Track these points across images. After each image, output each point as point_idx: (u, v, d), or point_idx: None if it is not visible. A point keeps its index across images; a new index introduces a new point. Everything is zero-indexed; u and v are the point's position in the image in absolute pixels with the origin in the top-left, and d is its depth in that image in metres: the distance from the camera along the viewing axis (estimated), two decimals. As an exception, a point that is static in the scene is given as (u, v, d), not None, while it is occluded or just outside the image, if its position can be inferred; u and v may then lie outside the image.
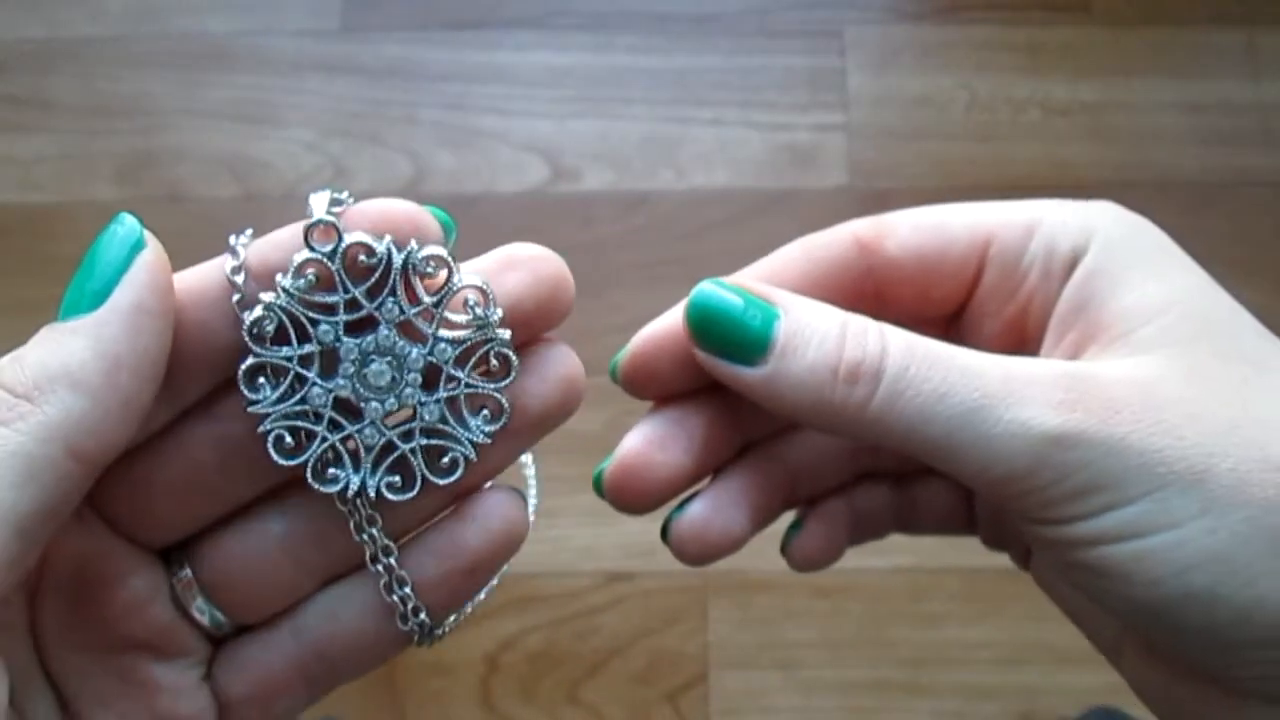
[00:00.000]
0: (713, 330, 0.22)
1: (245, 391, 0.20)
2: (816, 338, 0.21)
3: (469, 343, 0.21)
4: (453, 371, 0.21)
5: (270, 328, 0.20)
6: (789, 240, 0.26)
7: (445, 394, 0.21)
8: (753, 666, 0.80)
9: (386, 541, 0.22)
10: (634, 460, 0.23)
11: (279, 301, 0.20)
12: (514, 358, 0.21)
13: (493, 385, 0.21)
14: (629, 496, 0.24)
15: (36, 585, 0.21)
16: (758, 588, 0.81)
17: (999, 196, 0.27)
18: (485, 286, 0.21)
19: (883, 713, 0.79)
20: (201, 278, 0.20)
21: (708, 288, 0.22)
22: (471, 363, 0.21)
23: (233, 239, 0.21)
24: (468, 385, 0.21)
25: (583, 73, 0.96)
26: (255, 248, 0.21)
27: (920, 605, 0.80)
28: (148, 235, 0.19)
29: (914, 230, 0.24)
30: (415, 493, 0.21)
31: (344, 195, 0.21)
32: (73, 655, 0.21)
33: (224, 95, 0.95)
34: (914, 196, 0.92)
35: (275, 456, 0.20)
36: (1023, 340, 0.25)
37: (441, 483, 0.21)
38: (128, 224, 0.19)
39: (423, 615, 0.22)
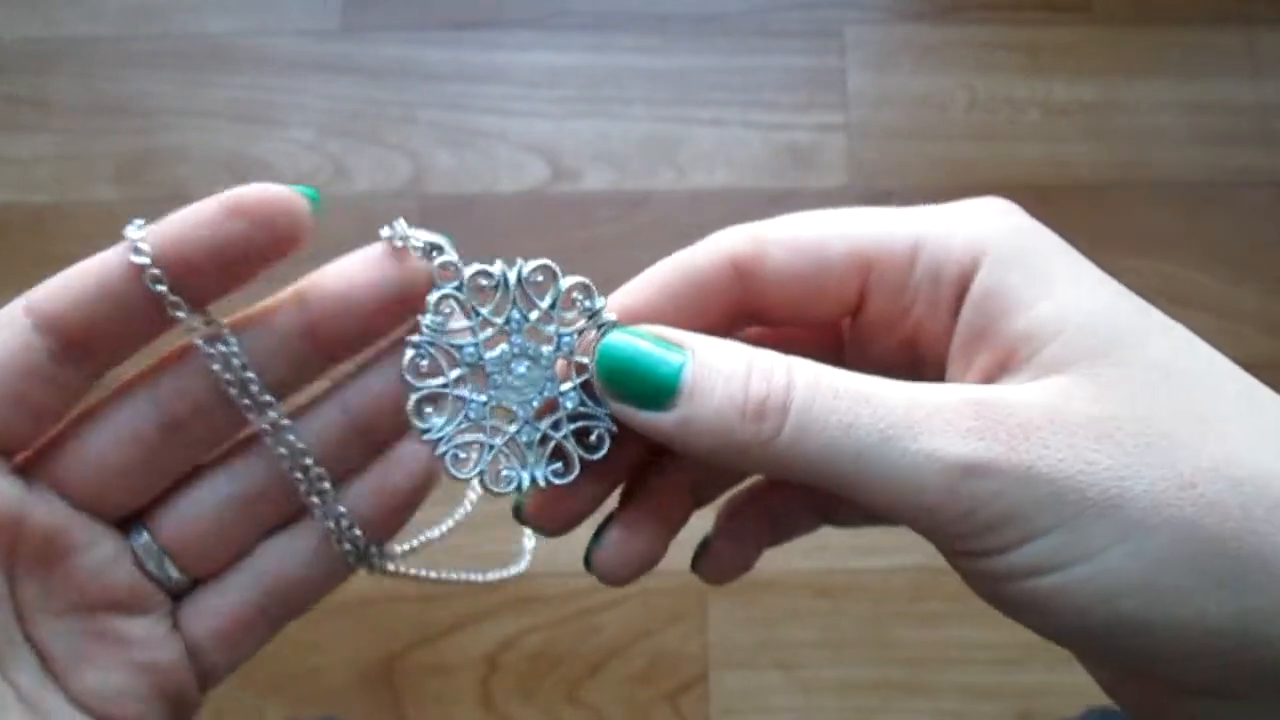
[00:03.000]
0: (623, 379, 0.22)
1: (417, 423, 0.23)
2: (723, 377, 0.21)
3: (585, 331, 0.23)
4: (578, 359, 0.23)
5: (425, 364, 0.23)
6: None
7: (579, 380, 0.23)
8: (753, 666, 0.80)
9: (323, 485, 0.24)
10: (550, 493, 0.24)
11: (425, 339, 0.23)
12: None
13: None
14: (549, 524, 0.25)
15: (12, 559, 0.22)
16: (758, 588, 0.81)
17: (999, 196, 0.26)
18: (587, 281, 0.23)
19: (883, 713, 0.79)
20: (103, 264, 0.22)
21: (615, 338, 0.22)
22: (589, 348, 0.23)
23: (130, 230, 0.22)
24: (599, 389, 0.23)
25: (583, 73, 0.96)
26: (154, 240, 0.22)
27: (920, 605, 0.80)
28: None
29: (790, 253, 0.23)
30: (576, 473, 0.24)
31: (140, 223, 0.22)
32: (51, 620, 0.23)
33: (224, 95, 0.95)
34: (914, 196, 0.92)
35: (455, 473, 0.23)
36: (916, 358, 0.24)
37: (594, 458, 0.24)
38: None
39: (356, 531, 0.25)
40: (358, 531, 0.25)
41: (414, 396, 0.23)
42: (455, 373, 0.23)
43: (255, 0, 0.98)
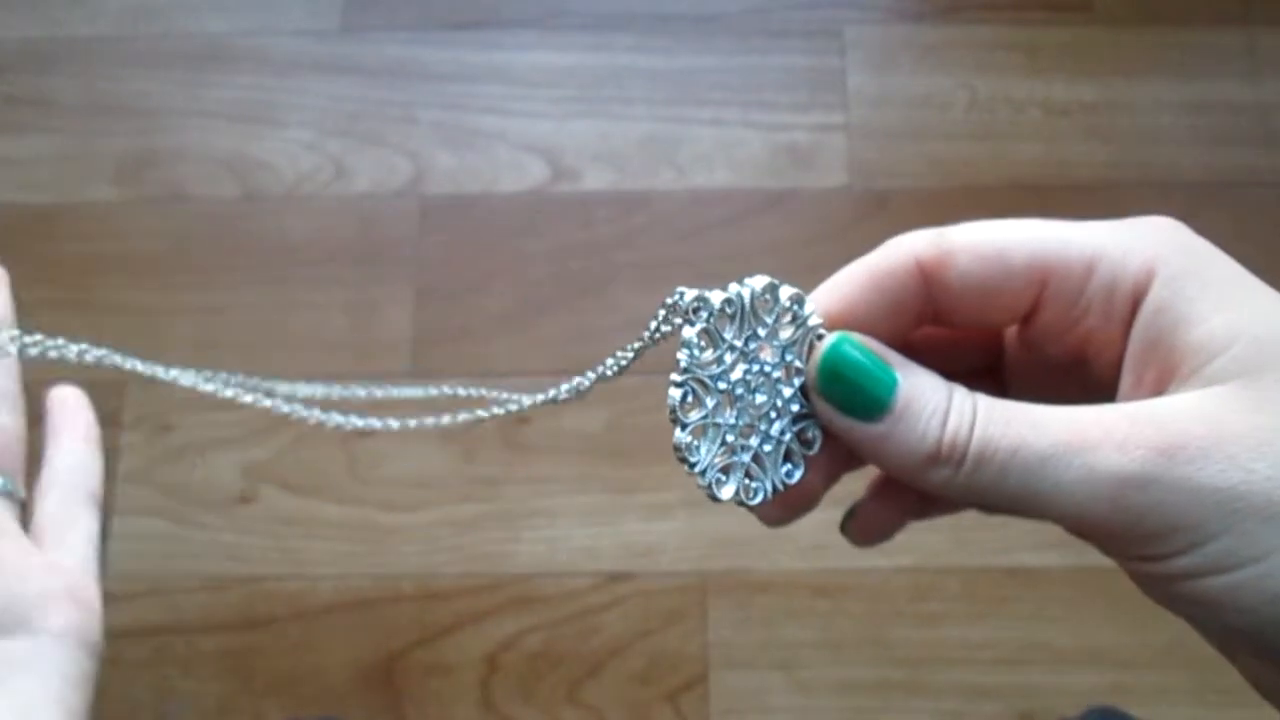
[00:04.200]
0: (840, 384, 0.23)
1: (689, 459, 0.24)
2: (929, 410, 0.23)
3: (799, 340, 0.25)
4: (797, 364, 0.25)
5: (691, 399, 0.24)
6: (789, 240, 0.26)
7: (798, 383, 0.25)
8: (753, 666, 0.80)
9: None
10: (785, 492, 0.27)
11: (688, 376, 0.24)
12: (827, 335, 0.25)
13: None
14: (782, 518, 0.27)
15: None
16: (758, 588, 0.81)
17: (999, 196, 0.27)
18: (801, 293, 0.25)
19: (883, 713, 0.79)
20: None
21: (836, 345, 0.24)
22: (803, 354, 0.25)
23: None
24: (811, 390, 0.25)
25: (583, 73, 0.96)
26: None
27: (920, 605, 0.80)
28: None
29: (975, 259, 0.24)
30: (802, 472, 0.25)
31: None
32: None
33: (224, 95, 0.95)
34: (914, 196, 0.92)
35: (718, 496, 0.25)
36: (1082, 368, 0.25)
37: (812, 453, 0.26)
38: None
39: None
40: None
41: (683, 434, 0.24)
42: (711, 401, 0.24)
43: (255, 0, 0.98)
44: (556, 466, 0.83)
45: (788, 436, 0.25)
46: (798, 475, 0.26)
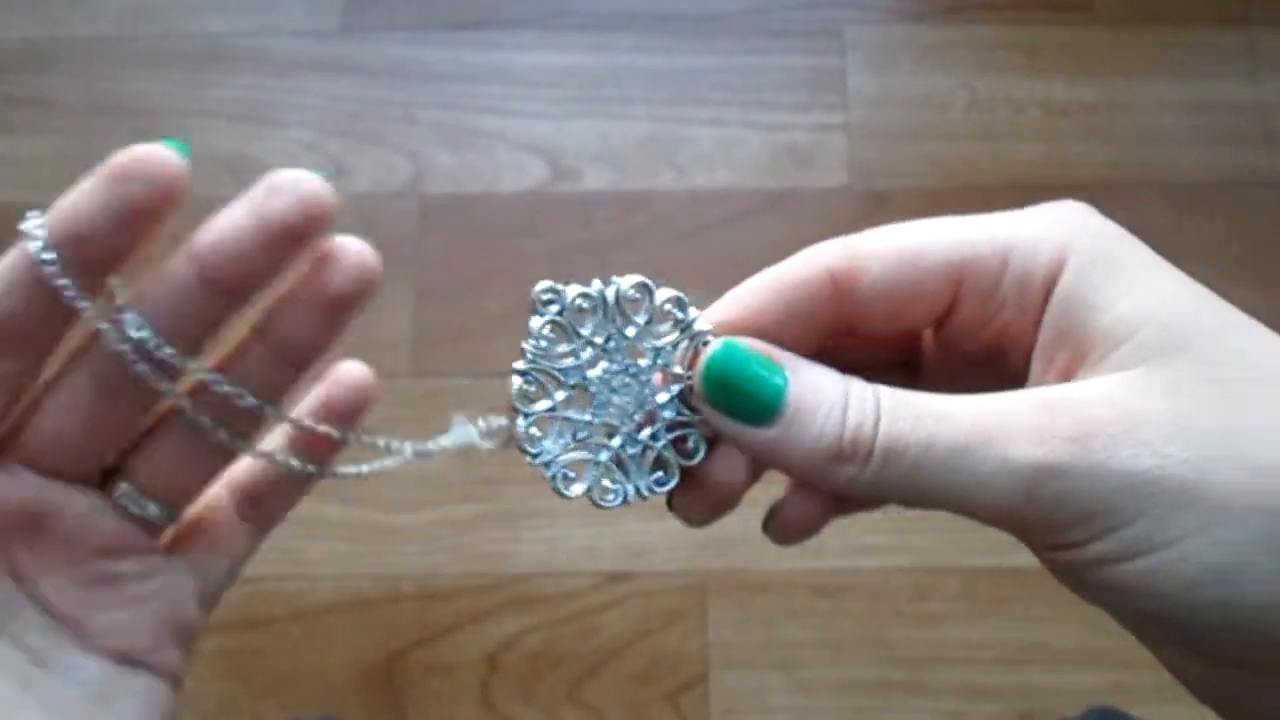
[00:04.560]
0: (726, 392, 0.23)
1: (528, 449, 0.24)
2: (824, 407, 0.22)
3: (679, 343, 0.24)
4: (675, 369, 0.24)
5: (533, 389, 0.24)
6: (789, 240, 0.26)
7: (674, 390, 0.24)
8: (753, 666, 0.80)
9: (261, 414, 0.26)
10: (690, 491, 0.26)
11: (531, 365, 0.24)
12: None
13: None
14: (695, 517, 0.26)
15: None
16: (758, 588, 0.81)
17: (999, 196, 0.26)
18: (682, 295, 0.24)
19: (883, 713, 0.79)
20: (8, 264, 0.23)
21: (720, 352, 0.23)
22: (684, 359, 0.24)
23: (24, 225, 0.23)
24: (688, 378, 0.24)
25: (583, 73, 0.96)
26: (51, 224, 0.23)
27: (920, 605, 0.80)
28: None
29: (885, 266, 0.24)
30: (675, 481, 0.25)
31: (36, 214, 0.24)
32: (50, 578, 0.25)
33: (224, 95, 0.95)
34: (914, 196, 0.92)
35: (565, 492, 0.24)
36: (999, 362, 0.25)
37: (691, 463, 0.25)
38: None
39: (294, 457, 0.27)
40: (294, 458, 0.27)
41: (524, 423, 0.24)
42: (561, 395, 0.24)
43: (255, 0, 0.98)
44: (556, 466, 0.83)
45: (660, 443, 0.25)
46: (670, 484, 0.25)
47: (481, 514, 0.83)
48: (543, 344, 0.24)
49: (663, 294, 0.24)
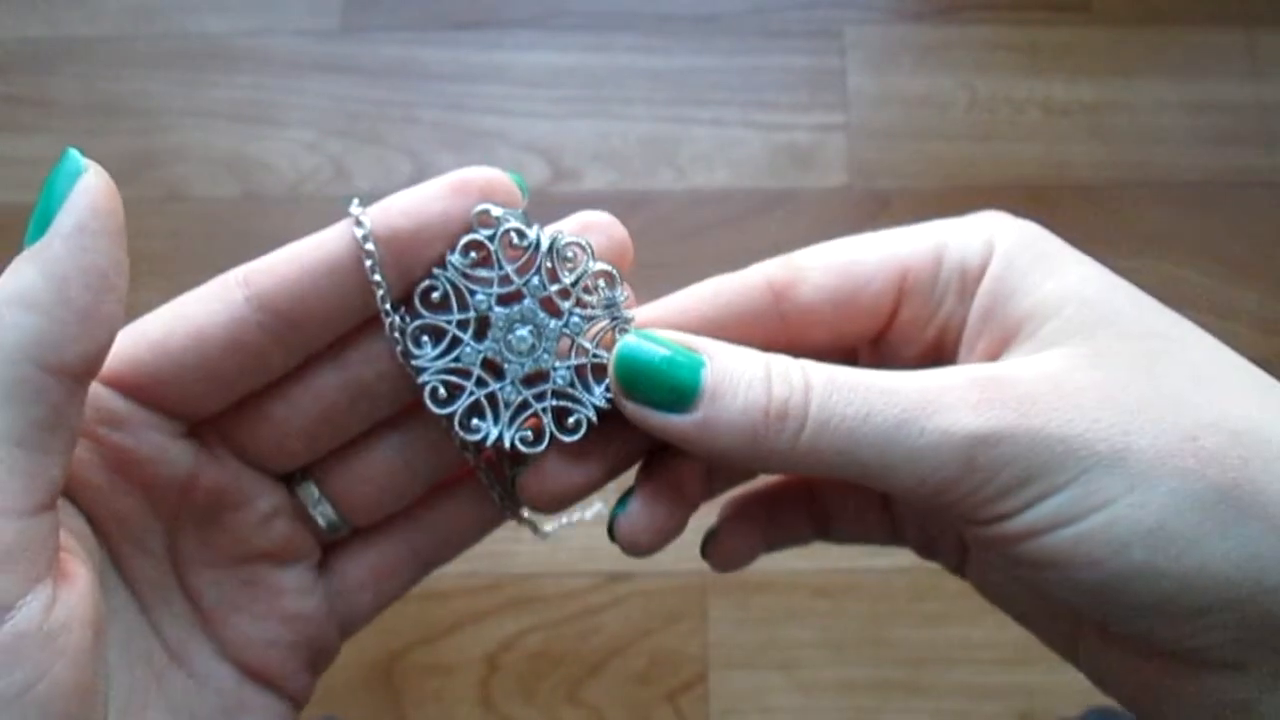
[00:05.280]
0: (641, 381, 0.22)
1: (411, 348, 0.23)
2: (744, 381, 0.22)
3: (598, 319, 0.24)
4: (583, 343, 0.24)
5: (437, 296, 0.23)
6: (789, 240, 0.26)
7: (575, 362, 0.24)
8: (753, 666, 0.80)
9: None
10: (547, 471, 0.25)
11: (447, 274, 0.23)
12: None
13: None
14: (540, 500, 0.25)
15: (176, 517, 0.23)
16: (758, 588, 0.81)
17: (999, 196, 0.27)
18: (615, 272, 0.24)
19: (883, 713, 0.79)
20: (324, 243, 0.22)
21: (632, 341, 0.23)
22: (598, 336, 0.24)
23: (353, 208, 0.22)
24: (594, 356, 0.24)
25: (583, 73, 0.96)
26: (380, 217, 0.22)
27: (920, 605, 0.80)
28: (88, 163, 0.21)
29: (826, 273, 0.25)
30: (544, 447, 0.24)
31: (358, 201, 0.23)
32: (207, 570, 0.24)
33: (224, 95, 0.95)
34: (914, 196, 0.93)
35: (431, 406, 0.23)
36: (941, 360, 0.25)
37: (566, 440, 0.24)
38: (71, 157, 0.21)
39: (519, 500, 0.26)
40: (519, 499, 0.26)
41: (416, 323, 0.23)
42: (463, 314, 0.23)
43: (255, 0, 0.98)
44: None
45: (542, 404, 0.24)
46: (539, 449, 0.24)
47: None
48: (465, 260, 0.23)
49: (600, 265, 0.24)
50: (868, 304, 0.25)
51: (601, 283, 0.24)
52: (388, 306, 0.23)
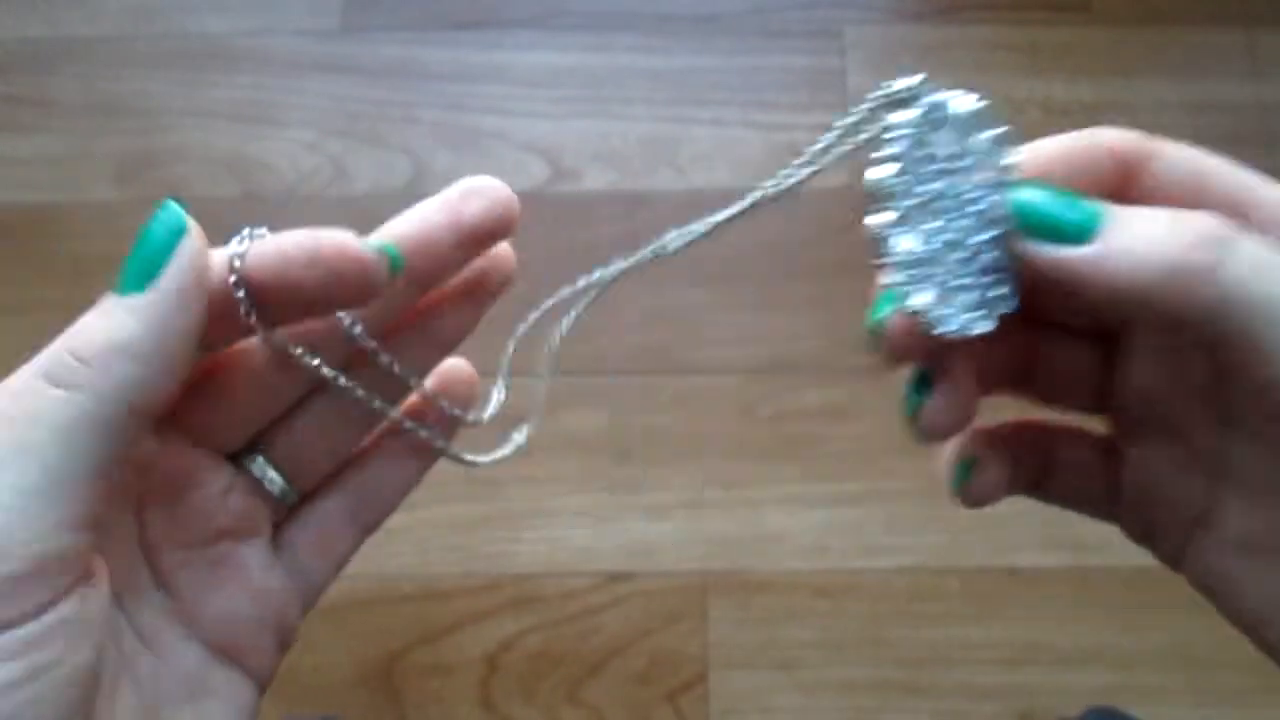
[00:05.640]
0: (1042, 210, 0.21)
1: (886, 241, 0.22)
2: (1148, 213, 0.21)
3: (996, 182, 0.22)
4: (1000, 210, 0.22)
5: (898, 183, 0.22)
6: (789, 240, 0.26)
7: (997, 233, 0.22)
8: (753, 666, 0.80)
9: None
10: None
11: (895, 155, 0.22)
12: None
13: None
14: (940, 424, 0.24)
15: (143, 501, 0.25)
16: (758, 588, 0.81)
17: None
18: (1009, 131, 0.22)
19: (883, 713, 0.79)
20: (214, 265, 0.23)
21: (1037, 181, 0.22)
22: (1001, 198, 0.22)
23: (232, 244, 0.23)
24: (1008, 219, 0.22)
25: (583, 73, 0.96)
26: (255, 260, 0.23)
27: (920, 605, 0.80)
28: (190, 222, 0.22)
29: (1181, 157, 0.23)
30: (992, 325, 0.22)
31: (260, 231, 0.24)
32: (177, 553, 0.25)
33: (224, 95, 0.95)
34: (914, 196, 0.92)
35: (910, 302, 0.22)
36: None
37: (1003, 311, 0.22)
38: (171, 210, 0.22)
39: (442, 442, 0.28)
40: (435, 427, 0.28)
41: (884, 217, 0.22)
42: (914, 200, 0.22)
43: (255, 0, 0.98)
44: (556, 466, 0.83)
45: (986, 280, 0.22)
46: (985, 327, 0.22)
47: (481, 514, 0.83)
48: (909, 140, 0.22)
49: (994, 131, 0.22)
50: (1214, 204, 0.22)
51: (993, 143, 0.23)
52: (252, 320, 0.23)
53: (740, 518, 0.81)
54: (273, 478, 0.26)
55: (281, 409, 0.26)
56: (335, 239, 0.23)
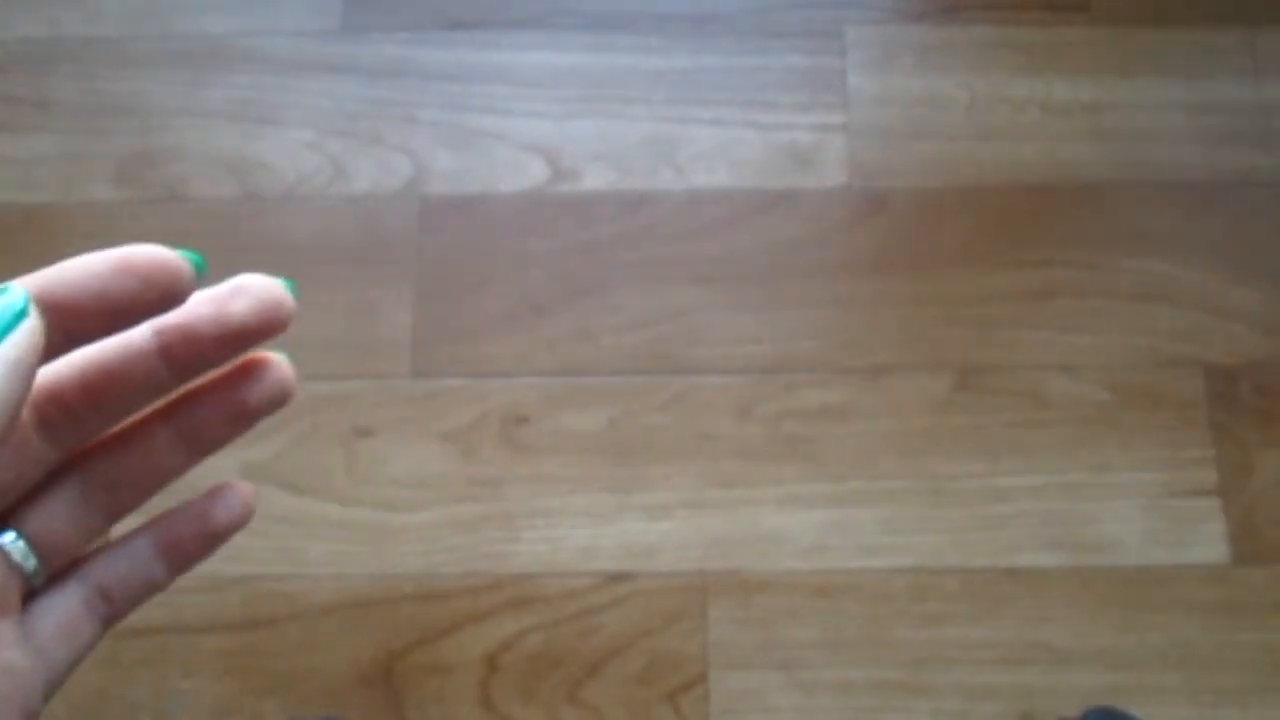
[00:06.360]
0: None
1: None
2: None
3: None
4: None
5: None
6: (789, 240, 0.26)
7: None
8: (753, 666, 0.80)
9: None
10: None
11: None
12: None
13: None
14: None
15: None
16: (758, 588, 0.81)
17: (999, 197, 0.26)
18: None
19: (883, 713, 0.79)
20: None
21: None
22: None
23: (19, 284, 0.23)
24: None
25: (583, 73, 0.96)
26: (41, 283, 0.23)
27: (920, 605, 0.80)
28: (34, 308, 0.22)
29: None
30: None
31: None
32: None
33: (224, 95, 0.95)
34: (914, 196, 0.92)
35: None
36: None
37: None
38: (13, 292, 0.22)
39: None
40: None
41: None
42: None
43: (255, 0, 0.98)
44: (556, 466, 0.83)
45: None
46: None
47: (481, 514, 0.83)
48: None
49: None
50: None
51: None
52: None
53: (740, 518, 0.81)
54: (25, 553, 0.25)
55: (29, 483, 0.25)
56: (139, 247, 0.23)
